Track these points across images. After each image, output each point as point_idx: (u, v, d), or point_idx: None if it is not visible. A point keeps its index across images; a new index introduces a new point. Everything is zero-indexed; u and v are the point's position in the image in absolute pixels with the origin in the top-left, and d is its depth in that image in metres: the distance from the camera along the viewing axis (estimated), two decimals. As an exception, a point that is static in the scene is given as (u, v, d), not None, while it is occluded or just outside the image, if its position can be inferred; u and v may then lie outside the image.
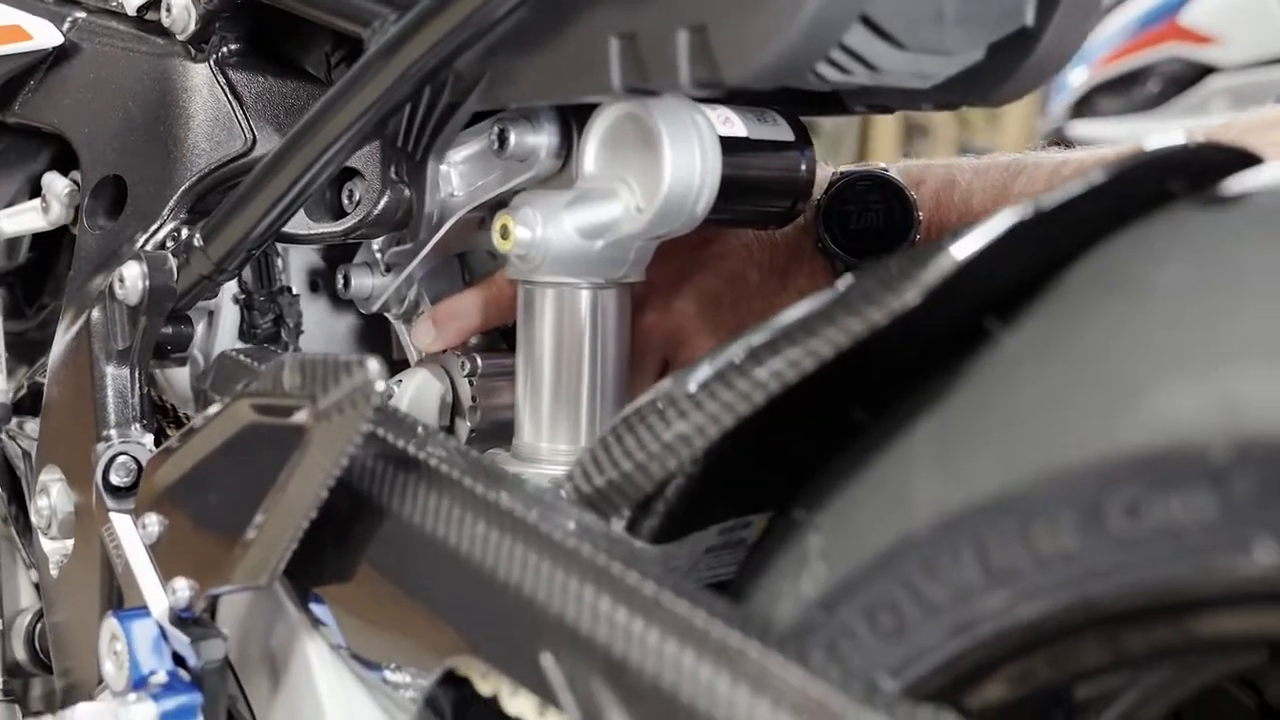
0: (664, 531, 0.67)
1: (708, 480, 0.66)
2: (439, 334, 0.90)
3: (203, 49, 0.88)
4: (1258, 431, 0.42)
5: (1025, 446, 0.49)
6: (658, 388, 0.62)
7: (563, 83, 0.71)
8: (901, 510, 0.53)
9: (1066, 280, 0.52)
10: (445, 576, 0.63)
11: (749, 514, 0.70)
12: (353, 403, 0.64)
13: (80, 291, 0.89)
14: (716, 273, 0.94)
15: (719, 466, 0.66)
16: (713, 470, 0.66)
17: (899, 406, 0.55)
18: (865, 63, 0.64)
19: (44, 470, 0.90)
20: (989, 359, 0.53)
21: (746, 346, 0.58)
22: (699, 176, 0.73)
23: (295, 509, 0.66)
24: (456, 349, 0.92)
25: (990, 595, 0.50)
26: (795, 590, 0.57)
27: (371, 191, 0.84)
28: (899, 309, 0.52)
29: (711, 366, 0.59)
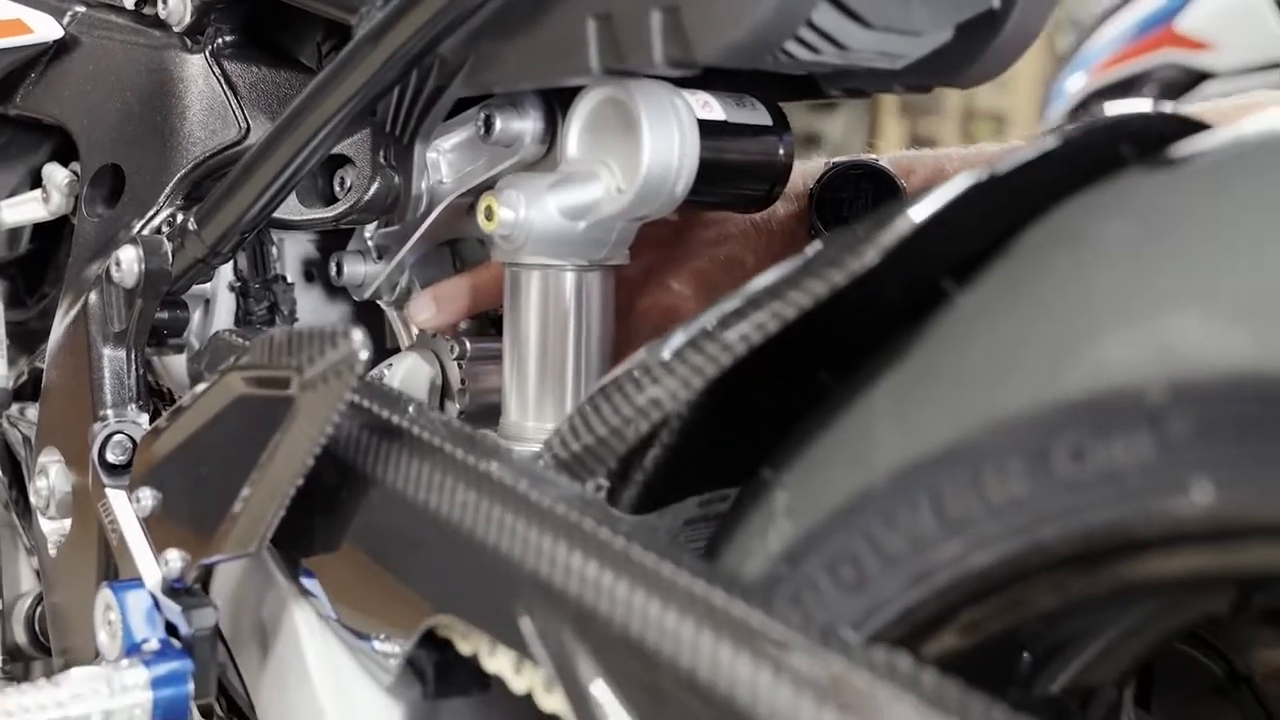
0: (642, 502, 0.68)
1: (684, 452, 0.68)
2: (438, 311, 0.91)
3: (198, 40, 0.90)
4: (1191, 373, 0.44)
5: (975, 397, 0.50)
6: (633, 357, 0.64)
7: (543, 65, 0.73)
8: (861, 464, 0.54)
9: (1020, 242, 0.54)
10: (426, 539, 0.65)
11: (726, 487, 0.72)
12: (337, 372, 0.66)
13: (78, 278, 0.91)
14: (714, 258, 0.96)
15: (695, 438, 0.68)
16: (689, 442, 0.68)
17: (861, 367, 0.57)
18: (834, 41, 0.66)
19: (43, 452, 0.92)
20: (945, 318, 0.55)
21: (719, 313, 0.60)
22: (678, 158, 0.75)
23: (282, 477, 0.68)
24: (446, 333, 0.94)
25: (946, 544, 0.52)
26: (762, 547, 0.59)
27: (362, 178, 0.86)
28: (859, 270, 0.54)
29: (685, 334, 0.61)
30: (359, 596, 0.70)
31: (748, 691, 0.49)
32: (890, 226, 0.54)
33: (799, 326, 0.57)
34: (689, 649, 0.52)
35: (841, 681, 0.48)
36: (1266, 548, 0.45)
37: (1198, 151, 0.52)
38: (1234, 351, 0.43)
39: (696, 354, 0.60)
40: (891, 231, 0.54)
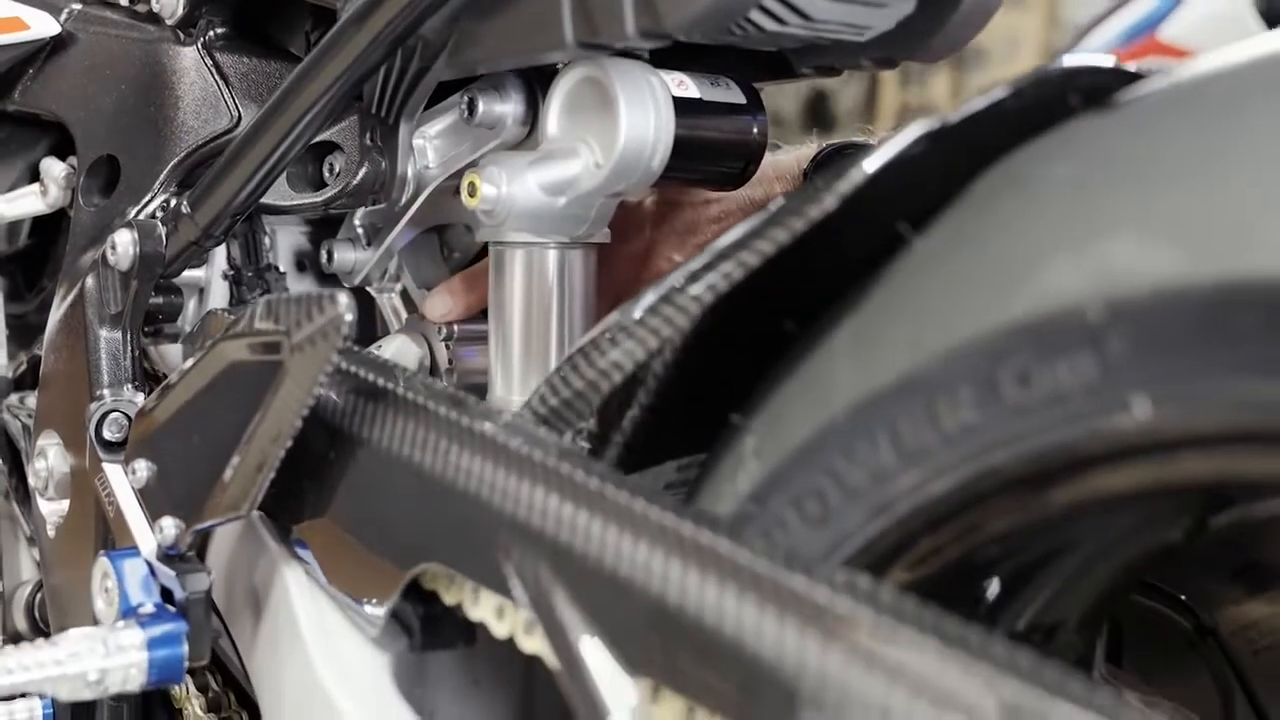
0: (621, 463, 0.71)
1: (662, 413, 0.70)
2: (454, 304, 0.94)
3: (190, 33, 0.93)
4: (1127, 291, 0.46)
5: (926, 329, 0.53)
6: (607, 319, 0.66)
7: (521, 42, 0.75)
8: (821, 403, 0.57)
9: (973, 188, 0.56)
10: (410, 494, 0.68)
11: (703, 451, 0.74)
12: (324, 334, 0.68)
13: (75, 265, 0.94)
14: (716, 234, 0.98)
15: (672, 399, 0.70)
16: (666, 402, 0.70)
17: (825, 314, 0.60)
18: (797, 10, 0.69)
19: (41, 435, 0.94)
20: (901, 262, 0.57)
21: (686, 271, 0.62)
22: (653, 133, 0.78)
23: (272, 439, 0.71)
24: (439, 316, 0.96)
25: (904, 475, 0.54)
26: (732, 489, 0.61)
27: (350, 163, 0.89)
28: (818, 216, 0.57)
29: (655, 293, 0.64)
30: (348, 557, 0.72)
31: (715, 614, 0.52)
32: (848, 176, 0.57)
33: (768, 286, 0.60)
34: (659, 578, 0.54)
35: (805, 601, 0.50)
36: (1201, 458, 0.47)
37: (1136, 96, 0.54)
38: (1165, 267, 0.45)
39: (666, 306, 0.62)
40: (848, 180, 0.56)
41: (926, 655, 0.46)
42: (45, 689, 0.71)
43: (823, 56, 0.80)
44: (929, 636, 0.46)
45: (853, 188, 0.56)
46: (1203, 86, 0.51)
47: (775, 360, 0.63)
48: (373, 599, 0.71)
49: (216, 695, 0.90)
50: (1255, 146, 0.46)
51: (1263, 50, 0.50)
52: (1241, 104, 0.48)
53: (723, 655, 0.51)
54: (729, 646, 0.51)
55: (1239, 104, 0.48)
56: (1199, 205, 0.46)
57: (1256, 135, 0.46)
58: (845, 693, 0.47)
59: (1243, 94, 0.49)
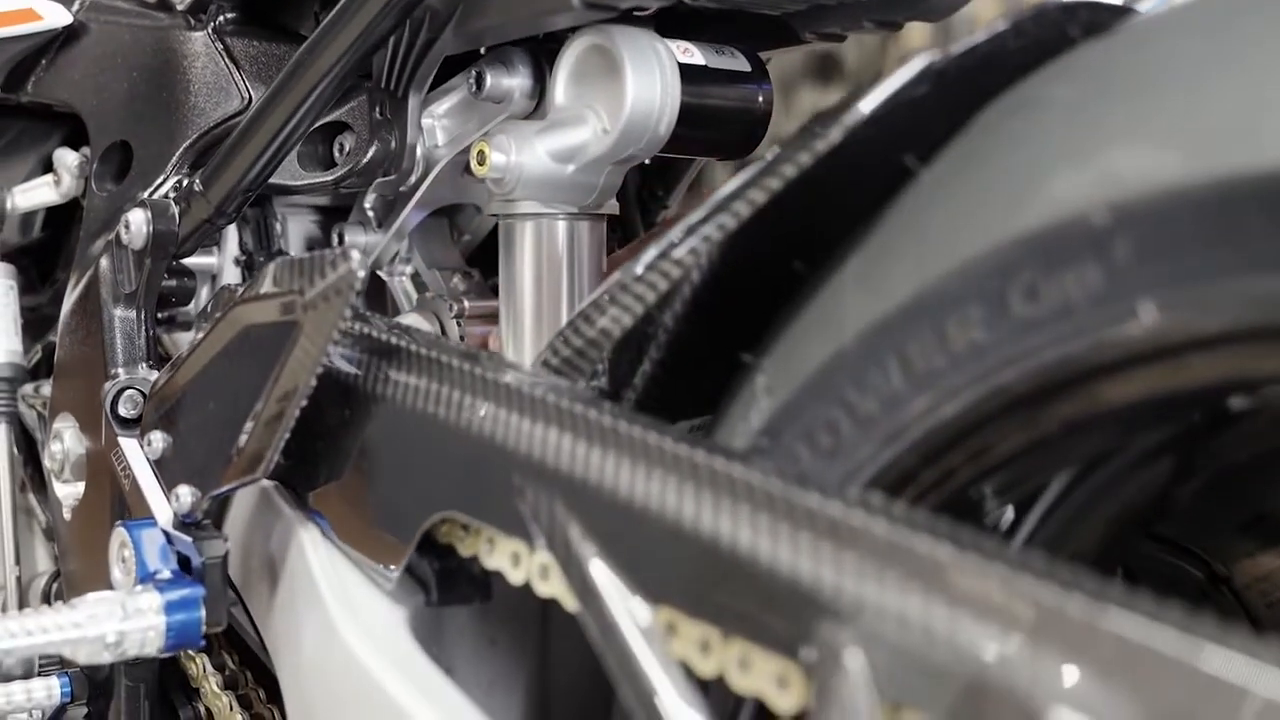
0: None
1: (674, 368, 0.71)
2: None
3: (201, 18, 0.94)
4: (1130, 195, 0.47)
5: (933, 251, 0.53)
6: (612, 277, 0.67)
7: (528, 6, 0.76)
8: (831, 332, 0.57)
9: (978, 117, 0.57)
10: (425, 445, 0.68)
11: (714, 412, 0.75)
12: (337, 290, 0.69)
13: (87, 252, 0.94)
14: None
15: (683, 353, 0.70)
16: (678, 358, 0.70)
17: (834, 251, 0.60)
18: (801, -33, 0.70)
19: (57, 418, 0.95)
20: (908, 192, 0.57)
21: (685, 224, 0.63)
22: (660, 98, 0.79)
23: (287, 400, 0.71)
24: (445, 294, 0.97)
25: (915, 400, 0.55)
26: (746, 426, 0.61)
27: (361, 142, 0.90)
28: (824, 150, 0.57)
29: (656, 248, 0.64)
30: (365, 515, 0.73)
31: (730, 537, 0.52)
32: (851, 109, 0.57)
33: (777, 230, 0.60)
34: (672, 506, 0.54)
35: (818, 516, 0.50)
36: (1209, 361, 0.47)
37: (1135, 23, 0.55)
38: (1166, 169, 0.46)
39: (665, 261, 0.63)
40: (852, 114, 0.57)
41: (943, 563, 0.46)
42: (64, 650, 0.71)
43: (826, 21, 0.81)
44: (943, 543, 0.47)
45: (856, 121, 0.57)
46: (1196, 7, 0.52)
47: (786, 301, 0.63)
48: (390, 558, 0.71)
49: (233, 673, 0.90)
50: (1251, 51, 0.47)
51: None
52: (1232, 18, 0.49)
53: (739, 576, 0.52)
54: (745, 567, 0.51)
55: (1230, 18, 0.49)
56: (1197, 108, 0.47)
57: (1252, 40, 0.47)
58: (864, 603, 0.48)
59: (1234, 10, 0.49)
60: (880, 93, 0.57)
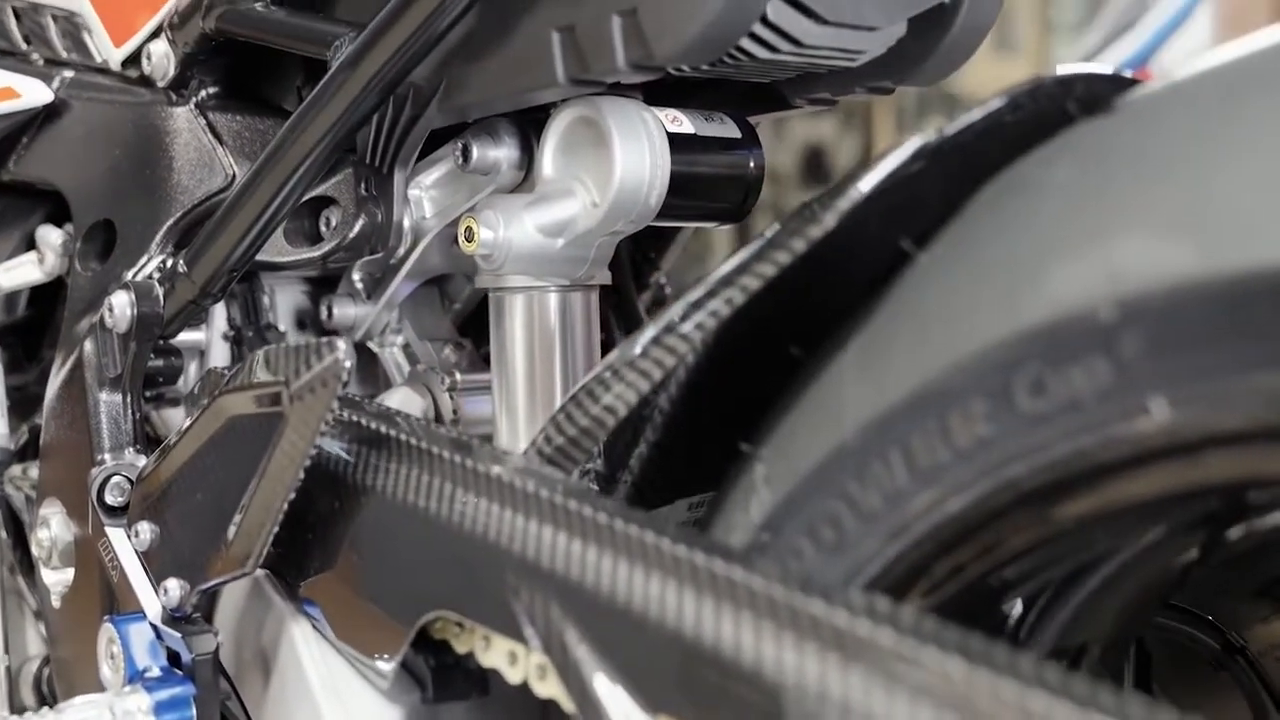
0: (632, 504, 0.69)
1: (670, 450, 0.69)
2: None
3: (182, 94, 0.93)
4: (1137, 290, 0.45)
5: (935, 342, 0.52)
6: (608, 357, 0.65)
7: (511, 82, 0.75)
8: (831, 425, 0.56)
9: (976, 198, 0.56)
10: (416, 540, 0.66)
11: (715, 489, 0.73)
12: (323, 381, 0.67)
13: (73, 331, 0.93)
14: None
15: (680, 435, 0.69)
16: (674, 439, 0.69)
17: (830, 336, 0.59)
18: (788, 37, 0.68)
19: (44, 504, 0.93)
20: (905, 277, 0.56)
21: (685, 303, 0.61)
22: (649, 170, 0.77)
23: (275, 492, 0.69)
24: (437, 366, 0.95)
25: (920, 494, 0.53)
26: (745, 519, 0.60)
27: (347, 216, 0.88)
28: (818, 235, 0.56)
29: (655, 328, 0.63)
30: (356, 611, 0.71)
31: (733, 644, 0.50)
32: (846, 193, 0.56)
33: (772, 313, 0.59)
34: (673, 611, 0.52)
35: (822, 624, 0.48)
36: (1227, 458, 0.46)
37: (1135, 99, 0.53)
38: (1175, 263, 0.44)
39: (669, 338, 0.61)
40: (847, 198, 0.56)
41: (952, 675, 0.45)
42: (51, 758, 0.69)
43: (817, 86, 0.79)
44: (952, 656, 0.45)
45: (852, 205, 0.55)
46: (1201, 83, 0.50)
47: (783, 387, 0.61)
48: (383, 654, 0.70)
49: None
50: (1260, 137, 0.45)
51: (1258, 45, 0.50)
52: (1243, 96, 0.47)
53: (743, 687, 0.50)
54: (748, 677, 0.50)
55: (1240, 97, 0.47)
56: (1206, 199, 0.45)
57: (1261, 126, 0.45)
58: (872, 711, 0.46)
59: (1243, 87, 0.48)
60: (877, 174, 0.56)
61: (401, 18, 0.74)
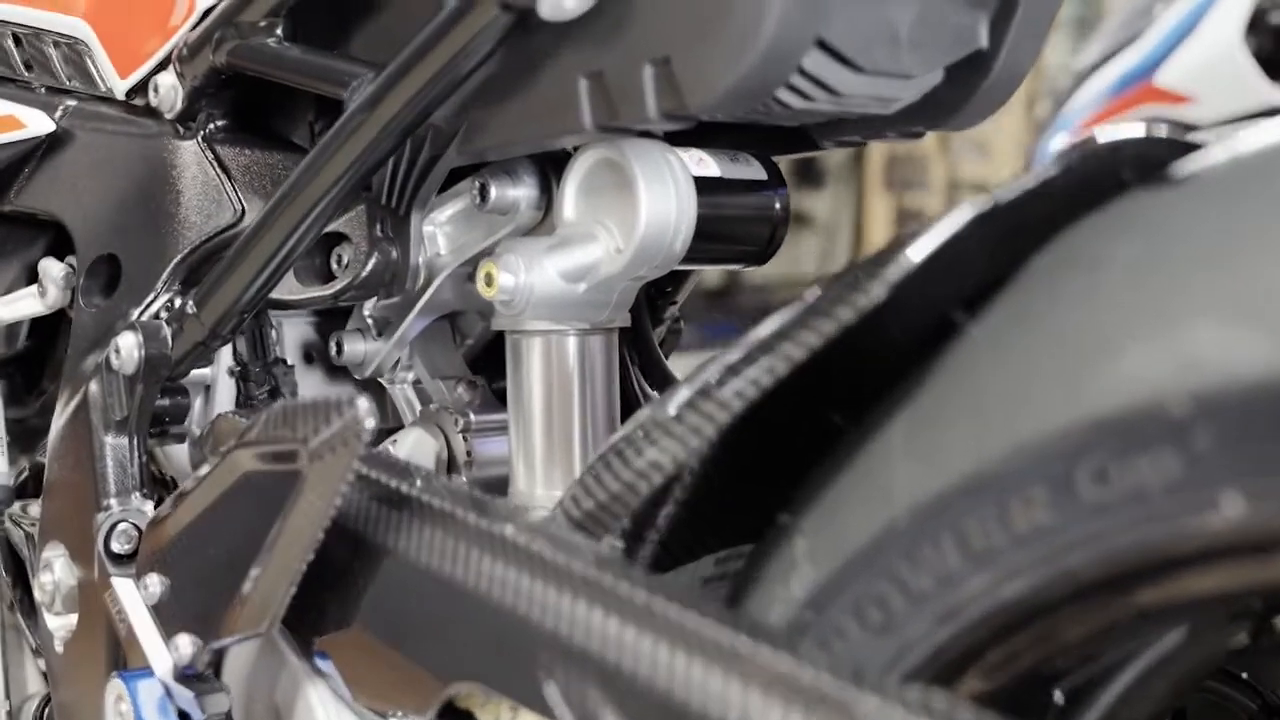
0: (658, 561, 0.68)
1: (699, 508, 0.67)
2: None
3: (190, 126, 0.90)
4: (1213, 384, 0.43)
5: (993, 425, 0.50)
6: (637, 416, 0.63)
7: (536, 127, 0.73)
8: (881, 503, 0.54)
9: (1029, 268, 0.54)
10: (442, 607, 0.64)
11: (744, 544, 0.71)
12: (344, 440, 0.65)
13: (77, 370, 0.91)
14: None
15: (709, 494, 0.67)
16: (703, 498, 0.67)
17: (874, 407, 0.57)
18: (825, 87, 0.66)
19: (47, 547, 0.91)
20: (957, 350, 0.54)
21: (722, 365, 0.59)
22: (675, 214, 0.75)
23: (293, 552, 0.67)
24: (450, 407, 0.93)
25: (973, 578, 0.51)
26: (785, 594, 0.58)
27: (359, 254, 0.86)
28: (866, 306, 0.54)
29: (690, 388, 0.61)
30: (375, 672, 0.69)
31: (779, 737, 0.48)
32: (896, 261, 0.54)
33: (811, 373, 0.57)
34: (718, 700, 0.50)
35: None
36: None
37: (1198, 169, 0.51)
38: (1255, 358, 0.42)
39: (706, 403, 0.59)
40: (897, 266, 0.54)
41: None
42: (60, 827, 0.67)
43: (847, 130, 0.77)
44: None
45: (903, 275, 0.53)
46: (1270, 157, 0.48)
47: (822, 453, 0.59)
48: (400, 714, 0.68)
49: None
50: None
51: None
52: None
53: (791, 783, 0.48)
54: (798, 774, 0.48)
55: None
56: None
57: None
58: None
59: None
60: (929, 241, 0.54)
61: (423, 60, 0.72)
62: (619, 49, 0.67)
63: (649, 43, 0.65)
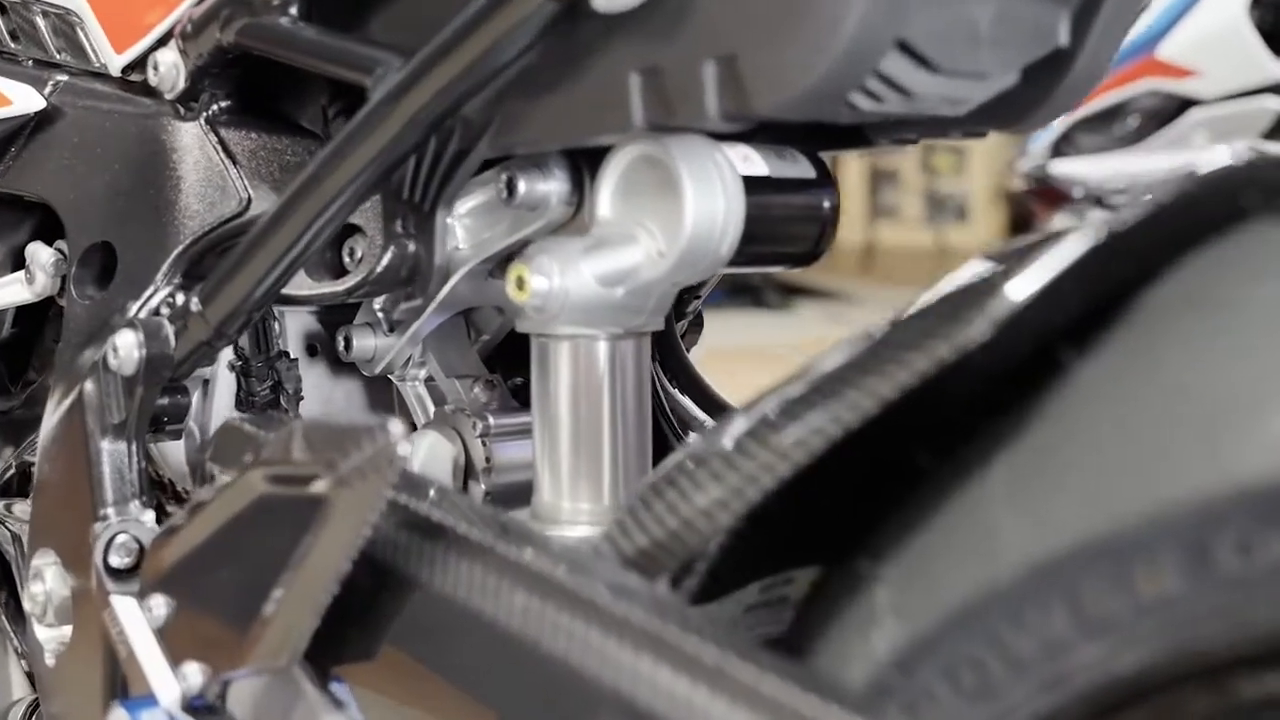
0: (705, 591, 0.63)
1: (752, 536, 0.63)
2: None
3: (192, 107, 0.84)
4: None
5: (1120, 484, 0.45)
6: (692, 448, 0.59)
7: (578, 123, 0.68)
8: (982, 560, 0.49)
9: (1140, 302, 0.49)
10: (482, 651, 0.59)
11: (791, 568, 0.67)
12: (375, 467, 0.60)
13: (71, 365, 0.85)
14: None
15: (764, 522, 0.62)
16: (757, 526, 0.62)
17: (967, 447, 0.52)
18: (899, 89, 0.61)
19: (37, 554, 0.85)
20: (1063, 390, 0.49)
21: (782, 400, 0.55)
22: (722, 217, 0.70)
23: (316, 583, 0.62)
24: (468, 409, 0.88)
25: (1085, 647, 0.47)
26: (865, 650, 0.53)
27: (374, 248, 0.81)
28: (966, 344, 0.49)
29: (746, 421, 0.56)
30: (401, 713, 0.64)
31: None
32: (999, 294, 0.49)
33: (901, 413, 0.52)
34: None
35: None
36: None
37: (1341, 201, 0.47)
38: None
39: (753, 460, 0.54)
40: (1002, 301, 0.49)
41: None
42: None
43: (907, 129, 0.72)
44: None
45: (1009, 312, 0.48)
46: None
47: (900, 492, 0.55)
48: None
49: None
50: None
51: None
52: None
53: None
54: None
55: None
56: None
57: None
58: None
59: None
60: (1038, 272, 0.49)
61: (458, 48, 0.66)
62: (678, 43, 0.61)
63: (713, 38, 0.60)
